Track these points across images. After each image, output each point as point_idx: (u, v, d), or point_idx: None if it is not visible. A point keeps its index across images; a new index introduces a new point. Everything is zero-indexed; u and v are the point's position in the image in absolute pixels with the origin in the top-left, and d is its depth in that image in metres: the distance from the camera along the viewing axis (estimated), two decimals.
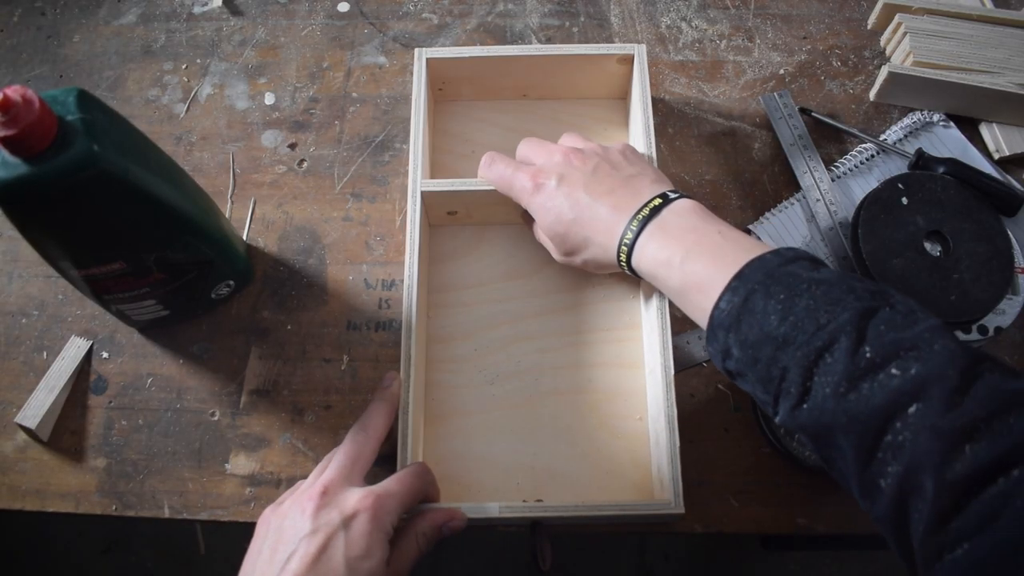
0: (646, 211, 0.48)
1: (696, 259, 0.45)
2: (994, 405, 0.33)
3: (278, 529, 0.45)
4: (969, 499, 0.32)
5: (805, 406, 0.38)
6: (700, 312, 0.44)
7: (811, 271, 0.41)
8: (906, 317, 0.37)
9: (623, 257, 0.49)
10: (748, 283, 0.41)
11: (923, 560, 0.34)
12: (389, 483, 0.47)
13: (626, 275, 0.62)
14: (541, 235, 0.57)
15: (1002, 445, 0.32)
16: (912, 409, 0.34)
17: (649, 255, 0.47)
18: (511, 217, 0.63)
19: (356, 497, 0.45)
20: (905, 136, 0.66)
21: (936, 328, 0.37)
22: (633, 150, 0.55)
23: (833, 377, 0.36)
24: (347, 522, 0.44)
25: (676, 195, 0.49)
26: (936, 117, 0.66)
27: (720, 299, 0.42)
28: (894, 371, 0.35)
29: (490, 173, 0.56)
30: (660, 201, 0.48)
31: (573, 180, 0.52)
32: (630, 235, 0.48)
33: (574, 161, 0.53)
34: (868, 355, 0.36)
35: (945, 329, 0.37)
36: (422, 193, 0.58)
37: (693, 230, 0.46)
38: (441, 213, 0.62)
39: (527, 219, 0.59)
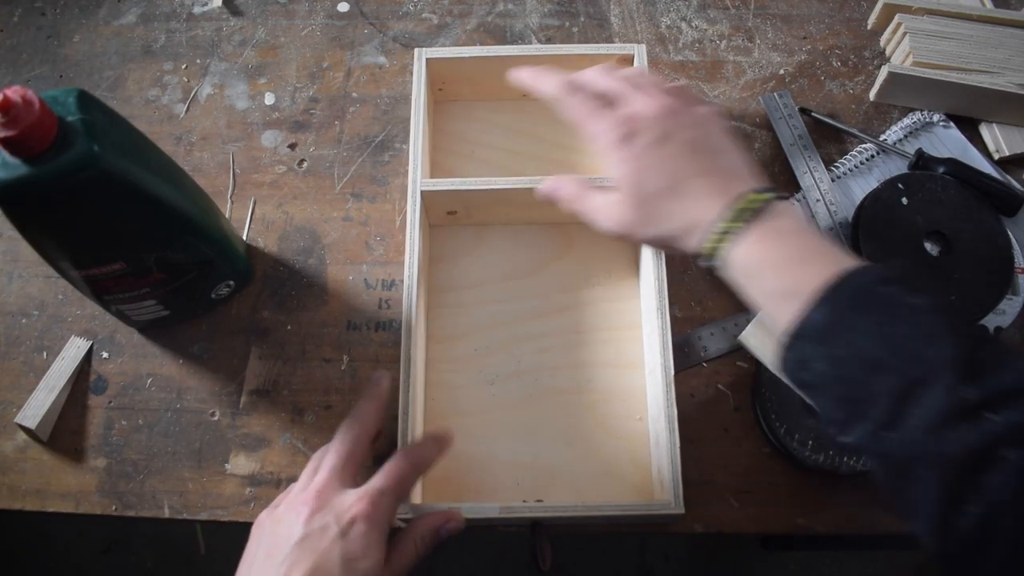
0: (747, 204, 0.43)
1: (795, 265, 0.42)
2: None
3: (273, 534, 0.45)
4: None
5: (889, 434, 0.37)
6: (780, 317, 0.42)
7: (909, 296, 0.39)
8: (1000, 357, 0.37)
9: (709, 245, 0.44)
10: (844, 298, 0.39)
11: None
12: (380, 480, 0.47)
13: (625, 274, 0.62)
14: (598, 199, 0.49)
15: None
16: (1007, 454, 0.34)
17: (746, 252, 0.43)
18: (511, 217, 0.63)
19: (350, 500, 0.45)
20: (905, 136, 0.66)
21: None
22: (726, 122, 0.49)
23: (929, 411, 0.35)
24: (343, 527, 0.43)
25: (773, 193, 0.45)
26: (936, 117, 0.66)
27: (813, 310, 0.39)
28: (993, 416, 0.35)
29: (568, 100, 0.49)
30: (763, 196, 0.44)
31: (676, 143, 0.45)
32: (722, 225, 0.43)
33: (681, 120, 0.46)
34: (969, 396, 0.35)
35: None
36: (422, 192, 0.58)
37: (796, 235, 0.43)
38: (441, 213, 0.62)
39: (553, 186, 0.51)
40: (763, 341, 0.52)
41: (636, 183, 0.45)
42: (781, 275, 0.42)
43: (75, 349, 0.60)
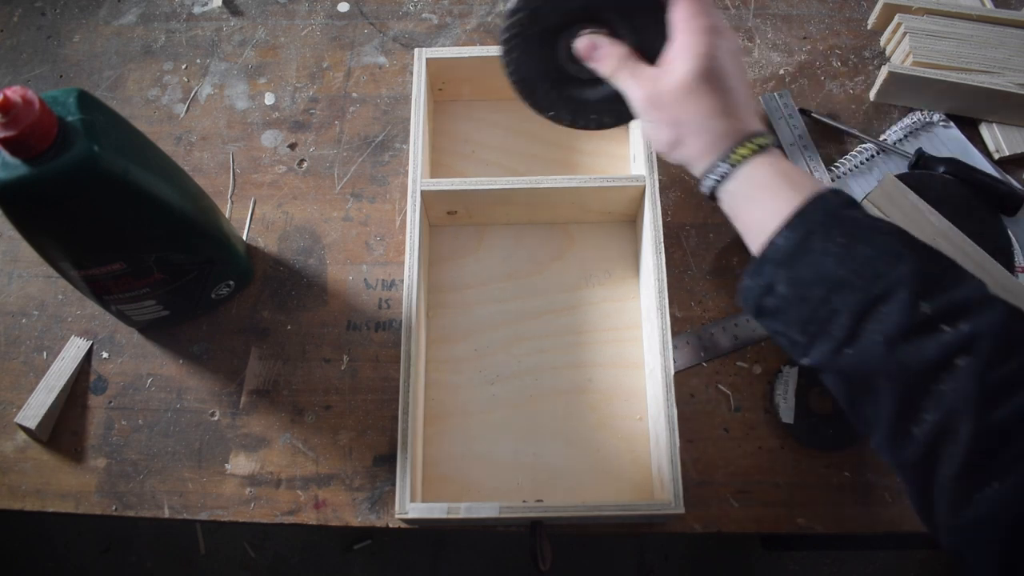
0: (757, 143, 0.46)
1: (782, 194, 0.43)
2: None
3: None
4: (1005, 443, 0.34)
5: (849, 350, 0.39)
6: (752, 241, 0.44)
7: (871, 219, 0.41)
8: (956, 277, 0.39)
9: (739, 156, 0.45)
10: (808, 222, 0.41)
11: (949, 503, 0.36)
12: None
13: (625, 274, 0.62)
14: (642, 70, 0.48)
15: None
16: (961, 362, 0.36)
17: (744, 183, 0.45)
18: (511, 217, 0.63)
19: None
20: (905, 136, 0.66)
21: (983, 287, 0.39)
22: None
23: (888, 326, 0.37)
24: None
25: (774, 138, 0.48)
26: (936, 117, 0.66)
27: (777, 234, 0.42)
28: (946, 327, 0.37)
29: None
30: (766, 141, 0.46)
31: (740, 64, 0.48)
32: (739, 156, 0.45)
33: (738, 45, 0.50)
34: (924, 311, 0.37)
35: (992, 292, 0.39)
36: (422, 193, 0.58)
37: (789, 171, 0.45)
38: (441, 213, 0.62)
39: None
40: None
41: (703, 68, 0.46)
42: (775, 201, 0.44)
43: (75, 349, 0.60)
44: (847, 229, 0.40)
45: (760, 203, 0.44)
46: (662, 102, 0.47)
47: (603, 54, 0.49)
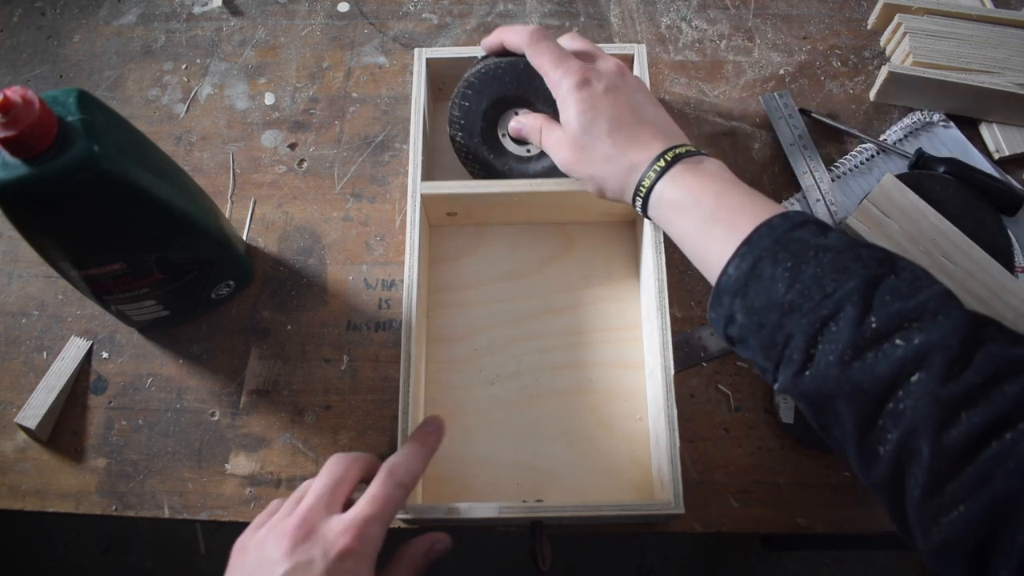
0: (683, 150, 0.49)
1: (714, 220, 0.45)
2: (991, 372, 0.34)
3: (256, 561, 0.42)
4: (964, 463, 0.33)
5: (807, 373, 0.38)
6: (711, 275, 0.45)
7: (818, 237, 0.41)
8: (911, 285, 0.38)
9: (647, 181, 0.48)
10: (756, 249, 0.42)
11: (919, 525, 0.35)
12: (366, 506, 0.43)
13: (625, 274, 0.62)
14: (554, 135, 0.54)
15: (996, 410, 0.33)
16: (914, 378, 0.35)
17: (683, 184, 0.47)
18: (511, 218, 0.63)
19: (337, 530, 0.42)
20: (905, 136, 0.66)
21: (940, 295, 0.37)
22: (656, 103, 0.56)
23: (838, 345, 0.37)
24: (330, 563, 0.41)
25: (699, 151, 0.50)
26: (936, 117, 0.66)
27: (728, 264, 0.42)
28: (898, 341, 0.36)
29: (536, 47, 0.53)
30: (694, 148, 0.49)
31: (622, 96, 0.51)
32: (664, 162, 0.48)
33: (628, 80, 0.53)
34: (873, 325, 0.36)
35: (949, 295, 0.38)
36: (422, 195, 0.58)
37: (728, 182, 0.47)
38: (441, 214, 0.62)
39: (493, 50, 0.57)
40: None
41: (585, 123, 0.51)
42: (709, 215, 0.45)
43: (75, 349, 0.60)
44: (794, 251, 0.40)
45: (688, 182, 0.47)
46: (571, 160, 0.52)
47: (526, 129, 0.57)
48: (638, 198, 0.49)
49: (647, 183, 0.48)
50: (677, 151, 0.48)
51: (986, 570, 0.32)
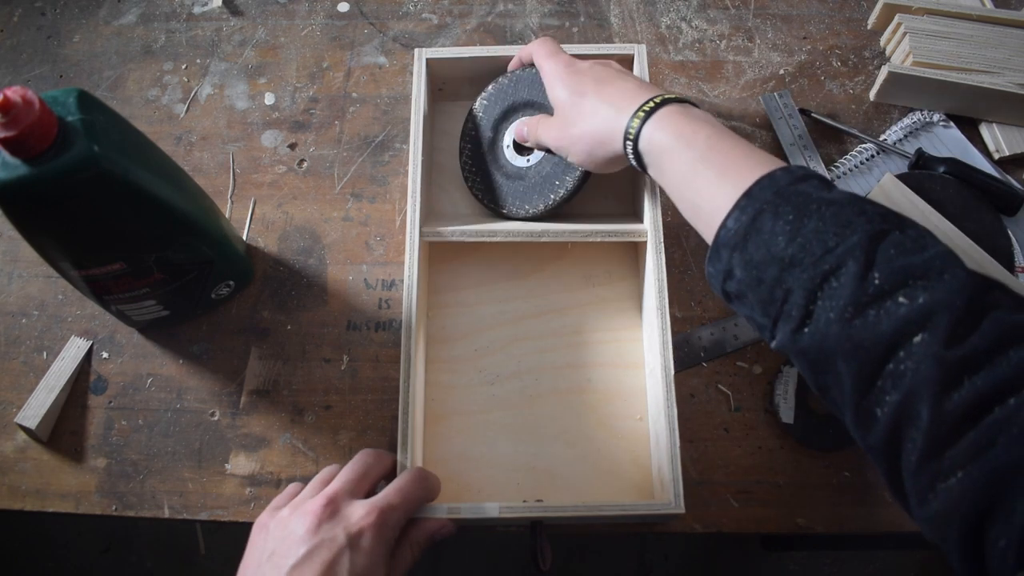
0: (671, 96, 0.48)
1: (708, 164, 0.43)
2: (996, 337, 0.33)
3: (279, 539, 0.44)
4: (965, 429, 0.32)
5: (806, 330, 0.37)
6: (706, 228, 0.44)
7: (821, 191, 0.40)
8: (916, 242, 0.37)
9: (635, 123, 0.48)
10: (757, 202, 0.40)
11: (915, 490, 0.34)
12: (391, 494, 0.47)
13: (625, 274, 0.62)
14: (544, 123, 0.56)
15: (999, 375, 0.32)
16: (917, 339, 0.34)
17: (663, 129, 0.46)
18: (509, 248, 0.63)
19: (360, 512, 0.45)
20: (905, 136, 0.66)
21: (946, 255, 0.36)
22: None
23: (839, 302, 0.36)
24: (352, 539, 0.43)
25: (689, 99, 0.50)
26: (936, 117, 0.66)
27: (728, 217, 0.41)
28: (901, 299, 0.34)
29: (538, 43, 0.57)
30: (682, 97, 0.49)
31: (606, 68, 0.54)
32: (646, 107, 0.47)
33: (613, 65, 0.55)
34: (876, 281, 0.35)
35: (955, 256, 0.36)
36: (421, 231, 0.58)
37: (708, 122, 0.46)
38: (443, 253, 0.62)
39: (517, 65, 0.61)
40: None
41: (570, 84, 0.53)
42: (701, 157, 0.44)
43: (75, 349, 0.60)
44: (796, 204, 0.39)
45: (674, 126, 0.46)
46: (562, 132, 0.54)
47: (526, 127, 0.58)
48: (628, 143, 0.48)
49: (636, 124, 0.47)
50: (665, 96, 0.48)
51: (984, 539, 0.31)
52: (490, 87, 0.62)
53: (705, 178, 0.43)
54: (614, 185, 0.64)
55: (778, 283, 0.38)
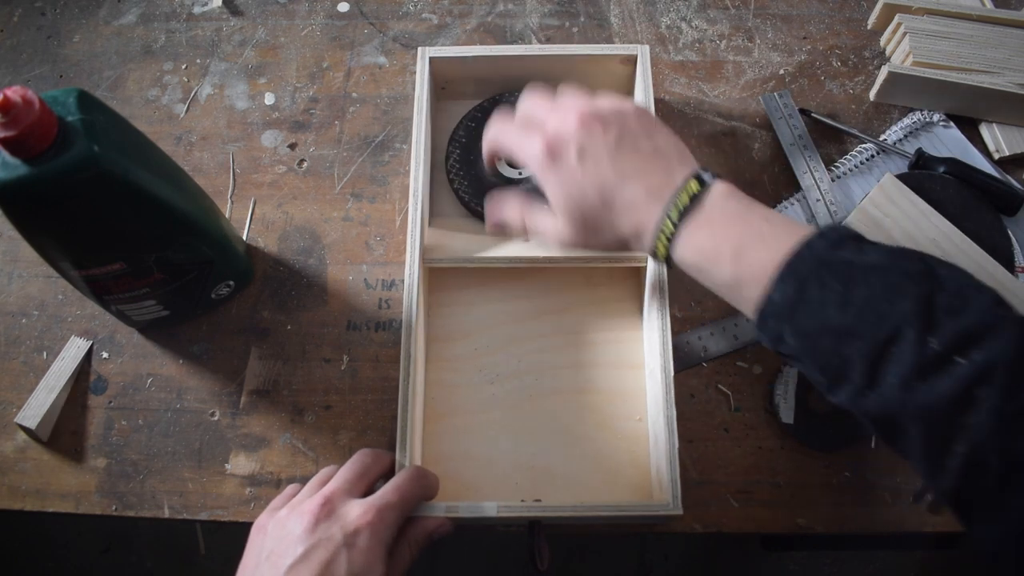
0: (685, 198, 0.45)
1: (746, 251, 0.43)
2: None
3: (277, 539, 0.44)
4: None
5: (870, 395, 0.39)
6: (747, 302, 0.43)
7: (859, 254, 0.40)
8: (958, 297, 0.38)
9: (661, 248, 0.45)
10: (800, 272, 0.41)
11: (984, 528, 0.37)
12: (388, 493, 0.47)
13: (626, 274, 0.62)
14: (542, 219, 0.51)
15: None
16: (979, 394, 0.35)
17: (695, 247, 0.44)
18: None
19: (358, 511, 0.45)
20: (905, 136, 0.66)
21: (991, 305, 0.38)
22: (647, 113, 0.50)
23: (900, 368, 0.37)
24: (349, 538, 0.43)
25: (710, 176, 0.46)
26: (936, 117, 0.66)
27: (772, 290, 0.41)
28: (959, 359, 0.36)
29: (497, 135, 0.51)
30: (698, 186, 0.45)
31: (597, 155, 0.46)
32: (670, 224, 0.45)
33: (595, 129, 0.47)
34: (934, 346, 0.37)
35: (999, 303, 0.38)
36: (427, 269, 0.58)
37: (739, 219, 0.44)
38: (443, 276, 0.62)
39: (496, 228, 0.55)
40: None
41: (569, 204, 0.48)
42: (735, 264, 0.43)
43: (75, 349, 0.60)
44: (840, 272, 0.40)
45: (706, 240, 0.44)
46: (573, 246, 0.50)
47: (509, 220, 0.54)
48: (658, 259, 0.47)
49: (662, 250, 0.46)
50: (680, 201, 0.44)
51: None
52: (484, 102, 0.64)
53: (746, 268, 0.43)
54: None
55: (835, 352, 0.39)
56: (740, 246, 0.43)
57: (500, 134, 0.51)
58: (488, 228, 0.56)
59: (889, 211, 0.58)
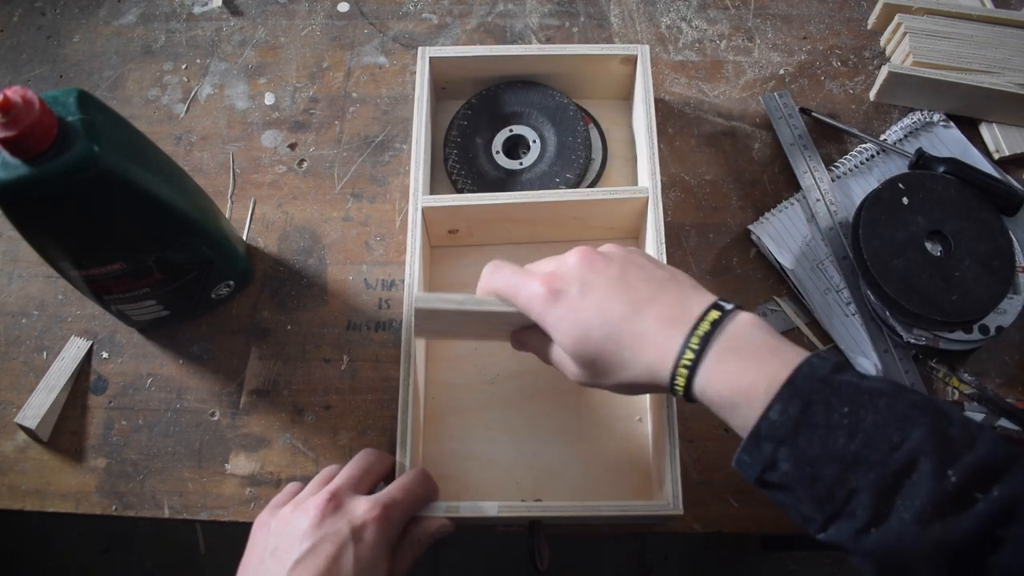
0: (706, 326, 0.40)
1: (737, 355, 0.40)
2: None
3: (282, 534, 0.44)
4: None
5: (875, 530, 0.36)
6: (740, 420, 0.39)
7: (863, 380, 0.38)
8: (966, 430, 0.36)
9: (680, 381, 0.41)
10: (803, 393, 0.37)
11: None
12: (394, 491, 0.47)
13: None
14: (556, 353, 0.46)
15: None
16: (1004, 532, 0.34)
17: (722, 380, 0.40)
18: (513, 236, 0.62)
19: (364, 507, 0.45)
20: (905, 136, 0.66)
21: (999, 441, 0.36)
22: (650, 255, 0.47)
23: (915, 502, 0.35)
24: (356, 533, 0.43)
25: (730, 305, 0.42)
26: (936, 117, 0.66)
27: (770, 408, 0.37)
28: (977, 495, 0.34)
29: (491, 280, 0.47)
30: (718, 314, 0.41)
31: (599, 286, 0.43)
32: (690, 355, 0.40)
33: (596, 264, 0.44)
34: (953, 479, 0.34)
35: (1000, 437, 0.36)
36: (423, 209, 0.58)
37: (772, 350, 0.39)
38: (442, 231, 0.61)
39: (519, 340, 0.49)
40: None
41: (576, 342, 0.43)
42: (747, 404, 0.39)
43: (75, 349, 0.60)
44: (847, 396, 0.37)
45: (736, 374, 0.39)
46: (587, 381, 0.45)
47: (532, 348, 0.48)
48: (676, 395, 0.43)
49: (681, 384, 0.41)
50: (701, 329, 0.40)
51: None
52: (473, 99, 0.64)
53: (733, 368, 0.40)
54: None
55: (840, 482, 0.36)
56: (756, 381, 0.39)
57: (494, 279, 0.47)
58: (513, 341, 0.51)
59: None
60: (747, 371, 0.39)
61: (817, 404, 0.37)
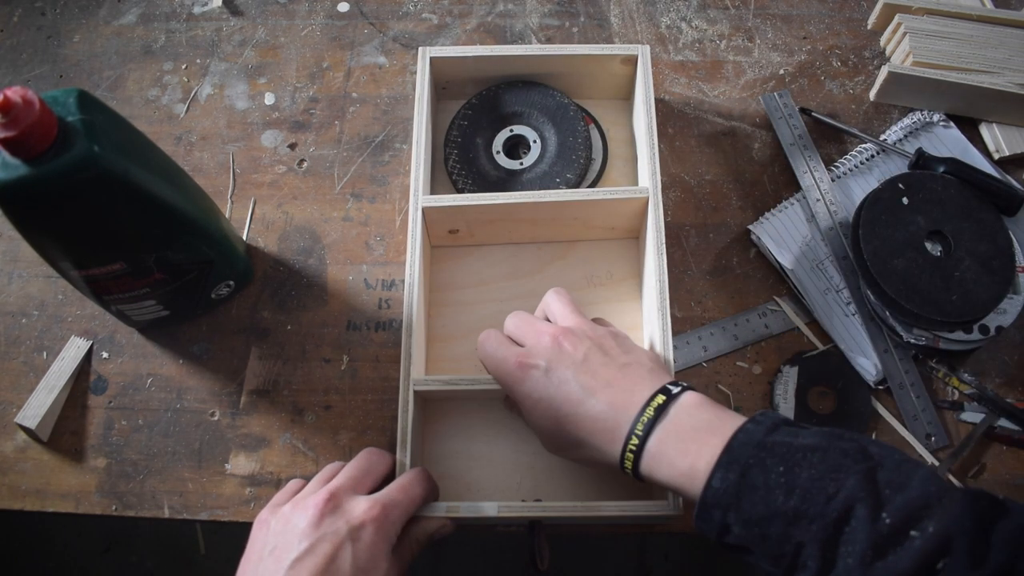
0: (650, 411, 0.43)
1: (692, 471, 0.41)
2: (1012, 549, 0.35)
3: (281, 533, 0.44)
4: None
5: None
6: (689, 496, 0.42)
7: (795, 437, 0.40)
8: (898, 472, 0.38)
9: (628, 465, 0.44)
10: (740, 458, 0.40)
11: None
12: (393, 492, 0.47)
13: (626, 274, 0.62)
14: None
15: None
16: (940, 565, 0.35)
17: (666, 464, 0.42)
18: (513, 236, 0.62)
19: (363, 506, 0.45)
20: (905, 136, 0.66)
21: (930, 477, 0.38)
22: (624, 336, 0.50)
23: (856, 547, 0.36)
24: (354, 532, 0.44)
25: (678, 388, 0.44)
26: (936, 117, 0.66)
27: (712, 477, 0.40)
28: (913, 532, 0.36)
29: (480, 350, 0.51)
30: (663, 398, 0.44)
31: (563, 368, 0.46)
32: (635, 440, 0.43)
33: (564, 345, 0.47)
34: (888, 521, 0.36)
35: (935, 475, 0.38)
36: (423, 209, 0.58)
37: (711, 430, 0.42)
38: (442, 231, 0.61)
39: (508, 404, 0.55)
40: None
41: (539, 418, 0.47)
42: (688, 472, 0.41)
43: (75, 349, 0.60)
44: (782, 456, 0.39)
45: (678, 456, 0.42)
46: (552, 450, 0.49)
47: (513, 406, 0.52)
48: (628, 475, 0.45)
49: (628, 466, 0.44)
50: (646, 415, 0.43)
51: None
52: (473, 99, 0.64)
53: (674, 452, 0.42)
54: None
55: (786, 538, 0.38)
56: (685, 451, 0.41)
57: (482, 346, 0.51)
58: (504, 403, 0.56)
59: None
60: (687, 453, 0.41)
61: (754, 468, 0.39)
